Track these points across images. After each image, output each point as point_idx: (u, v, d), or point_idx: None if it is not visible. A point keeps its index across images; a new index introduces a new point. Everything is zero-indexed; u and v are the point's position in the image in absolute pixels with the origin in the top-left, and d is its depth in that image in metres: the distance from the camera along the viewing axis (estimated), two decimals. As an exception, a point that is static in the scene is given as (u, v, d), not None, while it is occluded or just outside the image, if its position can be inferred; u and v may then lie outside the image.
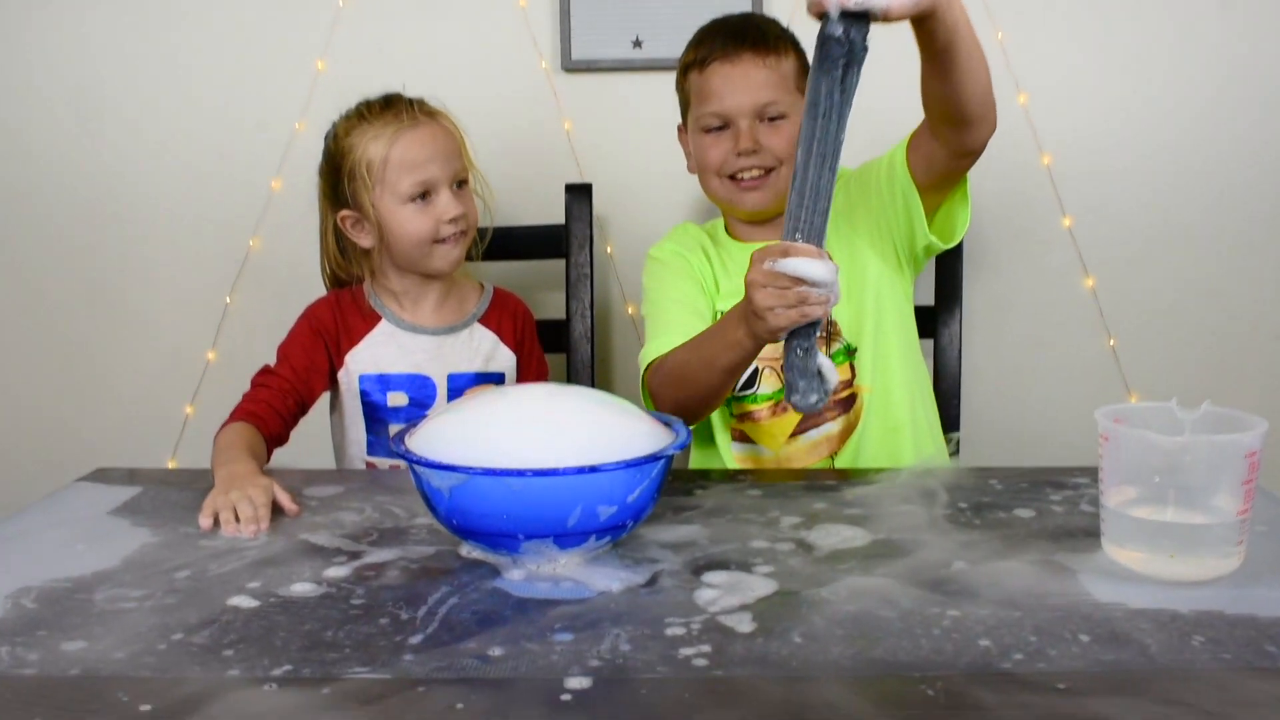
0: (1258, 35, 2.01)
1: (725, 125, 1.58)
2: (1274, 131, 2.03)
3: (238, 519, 1.22)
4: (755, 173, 1.58)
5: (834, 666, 0.86)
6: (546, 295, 2.09)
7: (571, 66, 2.05)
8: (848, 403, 1.57)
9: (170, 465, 2.17)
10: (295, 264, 2.11)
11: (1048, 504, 1.24)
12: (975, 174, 1.92)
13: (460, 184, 1.62)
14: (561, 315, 1.94)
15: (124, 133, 2.13)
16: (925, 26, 1.19)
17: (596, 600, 1.00)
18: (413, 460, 1.05)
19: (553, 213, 1.98)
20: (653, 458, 1.05)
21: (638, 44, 2.04)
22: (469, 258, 1.69)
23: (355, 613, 0.98)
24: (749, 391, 1.59)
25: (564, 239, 1.94)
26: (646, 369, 1.53)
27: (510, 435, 1.06)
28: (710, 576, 1.04)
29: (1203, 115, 2.03)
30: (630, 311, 2.12)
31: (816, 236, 1.16)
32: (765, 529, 1.18)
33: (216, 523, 1.22)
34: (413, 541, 1.16)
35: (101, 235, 2.15)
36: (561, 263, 1.95)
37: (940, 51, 1.22)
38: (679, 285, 1.63)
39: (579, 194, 1.95)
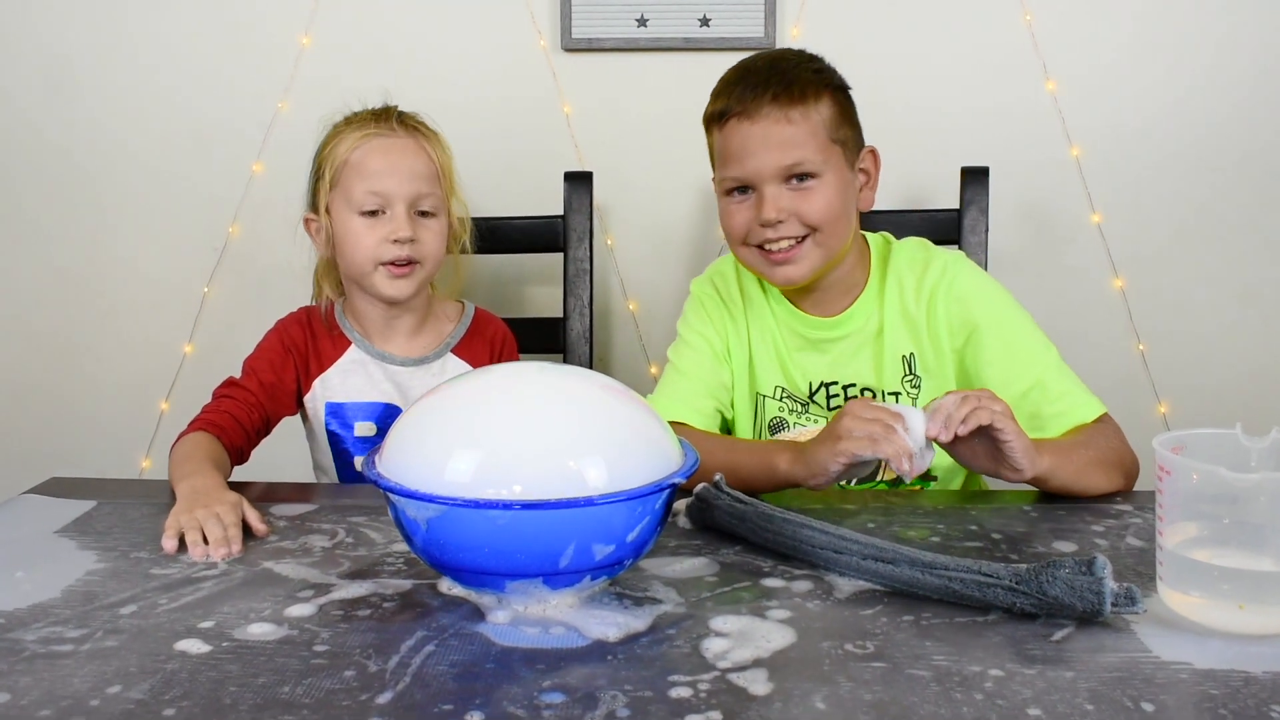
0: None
1: (749, 188, 1.39)
2: (1317, 125, 1.91)
3: (205, 540, 1.10)
4: (785, 243, 1.37)
5: (863, 742, 0.75)
6: (543, 291, 1.98)
7: (571, 46, 1.93)
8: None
9: (144, 464, 2.06)
10: (277, 252, 1.99)
11: (1089, 536, 1.13)
12: (997, 164, 1.82)
13: (423, 212, 1.49)
14: (558, 313, 1.83)
15: (96, 110, 2.02)
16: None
17: (591, 650, 0.88)
18: (384, 487, 0.94)
19: (550, 203, 1.86)
20: (657, 487, 0.93)
21: (642, 22, 1.92)
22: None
23: (318, 662, 0.87)
24: None
25: (562, 231, 1.83)
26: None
27: (498, 441, 0.93)
28: (719, 622, 0.93)
29: (1240, 107, 1.92)
30: (632, 308, 2.00)
31: None
32: (780, 562, 1.06)
33: (183, 543, 1.11)
34: (388, 573, 1.04)
35: (71, 220, 2.04)
36: (559, 257, 1.83)
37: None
38: (699, 349, 1.50)
39: (578, 183, 1.83)
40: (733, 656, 0.87)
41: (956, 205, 1.78)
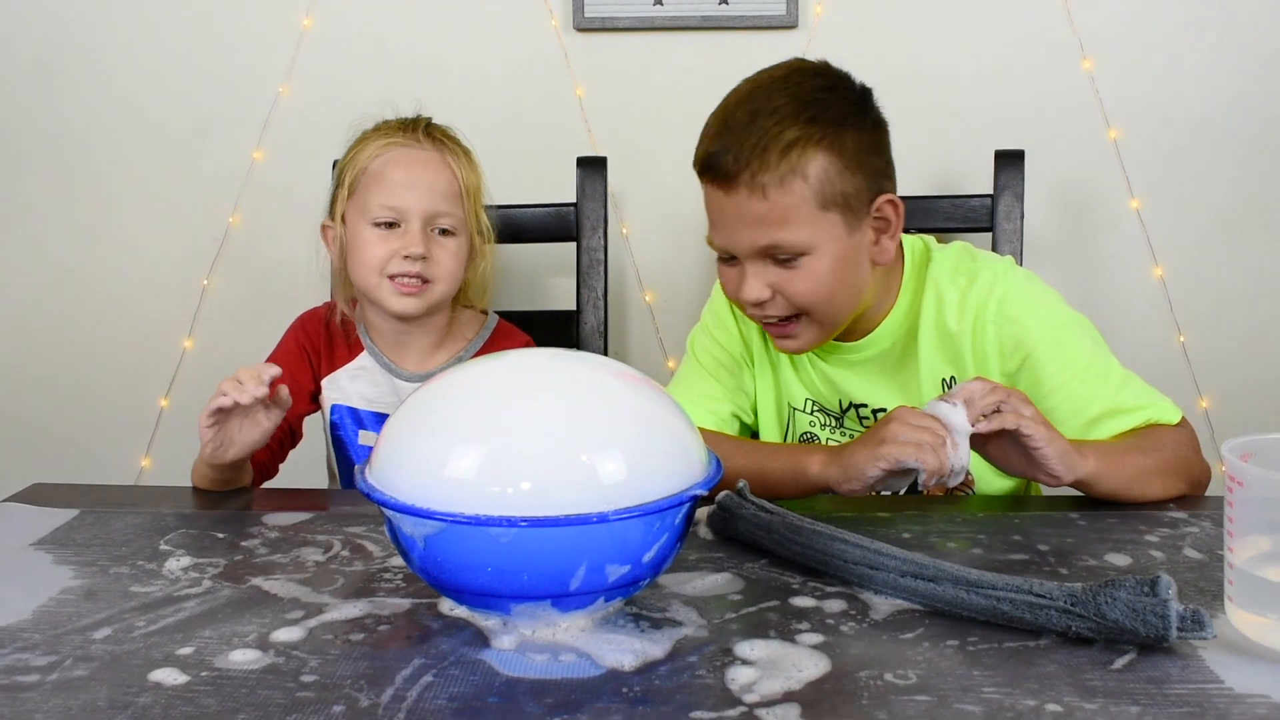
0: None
1: (733, 257, 1.24)
2: (1369, 105, 1.82)
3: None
4: (775, 319, 1.25)
5: (910, 792, 0.67)
6: (555, 282, 1.90)
7: (584, 25, 1.85)
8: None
9: (144, 464, 1.99)
10: (278, 243, 1.94)
11: (1143, 547, 1.04)
12: (1032, 148, 1.73)
13: (443, 231, 1.42)
14: (571, 305, 1.74)
15: (91, 95, 1.94)
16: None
17: (605, 681, 0.80)
18: (377, 500, 0.86)
19: (562, 190, 1.78)
20: (676, 501, 0.85)
21: (659, 0, 1.83)
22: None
23: (304, 695, 0.79)
24: None
25: (575, 219, 1.74)
26: None
27: (504, 437, 0.84)
28: (745, 648, 0.85)
29: (1288, 86, 1.82)
30: (649, 300, 1.92)
31: None
32: (810, 578, 0.98)
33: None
34: (385, 591, 0.97)
35: (65, 210, 1.97)
36: (572, 246, 1.75)
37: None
38: (719, 350, 1.40)
39: (592, 168, 1.75)
40: (760, 689, 0.79)
41: (990, 190, 1.69)
